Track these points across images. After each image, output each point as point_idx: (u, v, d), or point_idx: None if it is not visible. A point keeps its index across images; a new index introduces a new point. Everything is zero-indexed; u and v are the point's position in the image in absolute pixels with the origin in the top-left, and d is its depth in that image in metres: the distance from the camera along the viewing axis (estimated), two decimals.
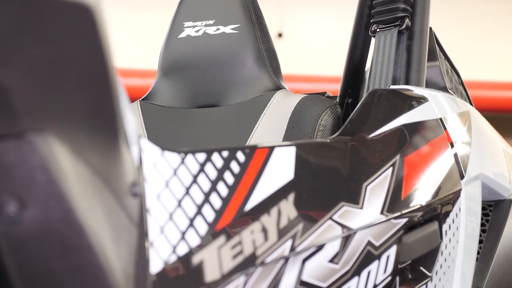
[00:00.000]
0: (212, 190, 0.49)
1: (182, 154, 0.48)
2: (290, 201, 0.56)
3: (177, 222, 0.45)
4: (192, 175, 0.48)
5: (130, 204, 0.40)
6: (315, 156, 0.66)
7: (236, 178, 0.51)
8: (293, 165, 0.58)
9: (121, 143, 0.39)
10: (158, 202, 0.44)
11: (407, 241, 0.71)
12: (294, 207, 0.56)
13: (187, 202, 0.46)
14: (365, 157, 0.71)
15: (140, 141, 0.44)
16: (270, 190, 0.54)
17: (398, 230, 0.69)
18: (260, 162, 0.55)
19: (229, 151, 0.52)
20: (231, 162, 0.52)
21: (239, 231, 0.49)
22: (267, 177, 0.54)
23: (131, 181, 0.40)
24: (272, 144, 0.60)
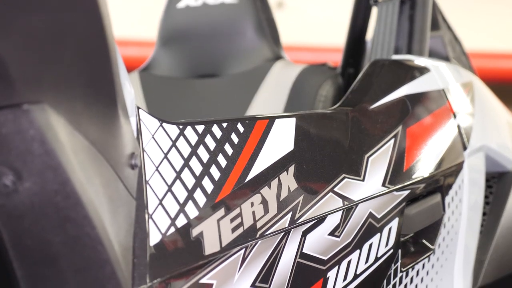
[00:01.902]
0: (211, 162, 0.48)
1: (181, 126, 0.47)
2: (290, 172, 0.55)
3: (176, 194, 0.44)
4: (191, 147, 0.47)
5: (128, 175, 0.39)
6: (316, 127, 0.64)
7: (236, 149, 0.51)
8: (293, 136, 0.57)
9: (119, 114, 0.38)
10: (157, 174, 0.43)
11: (409, 214, 0.70)
12: (295, 179, 0.55)
13: (186, 174, 0.46)
14: (367, 128, 0.70)
15: (139, 112, 0.44)
16: (270, 162, 0.53)
17: (400, 202, 0.68)
18: (260, 133, 0.54)
19: (228, 122, 0.52)
20: (231, 133, 0.51)
21: (239, 203, 0.49)
22: (267, 148, 0.54)
23: (130, 152, 0.40)
24: (272, 115, 0.59)
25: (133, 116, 0.42)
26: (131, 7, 3.71)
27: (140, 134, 0.43)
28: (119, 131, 0.38)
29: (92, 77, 0.35)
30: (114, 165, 0.37)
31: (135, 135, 0.42)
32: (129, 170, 0.39)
